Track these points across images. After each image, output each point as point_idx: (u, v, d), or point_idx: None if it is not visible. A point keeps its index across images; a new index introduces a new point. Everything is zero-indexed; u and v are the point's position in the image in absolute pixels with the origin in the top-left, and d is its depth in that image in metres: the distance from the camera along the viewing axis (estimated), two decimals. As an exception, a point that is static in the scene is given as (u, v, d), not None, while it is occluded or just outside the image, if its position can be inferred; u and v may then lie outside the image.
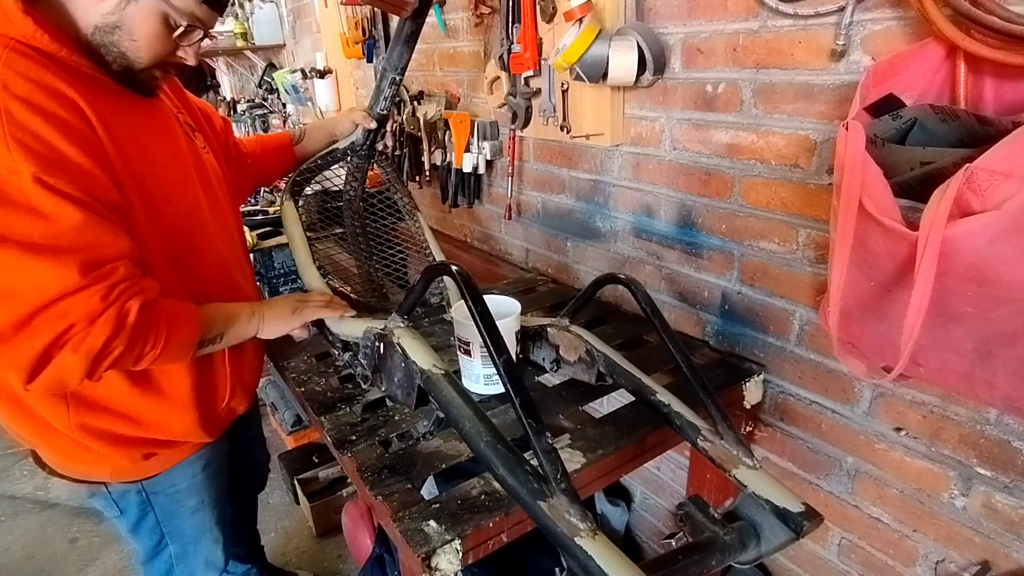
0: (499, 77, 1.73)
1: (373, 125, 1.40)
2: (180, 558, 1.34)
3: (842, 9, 0.99)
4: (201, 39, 0.96)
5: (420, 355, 0.96)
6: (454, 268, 0.88)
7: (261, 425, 1.70)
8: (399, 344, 1.00)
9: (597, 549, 0.70)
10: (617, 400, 1.38)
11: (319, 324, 1.27)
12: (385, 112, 1.39)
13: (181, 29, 0.91)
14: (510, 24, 1.61)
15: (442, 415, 0.94)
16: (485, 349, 1.06)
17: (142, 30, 0.89)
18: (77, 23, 0.88)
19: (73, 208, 0.80)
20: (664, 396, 1.02)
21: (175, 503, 1.24)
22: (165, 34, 0.91)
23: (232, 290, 1.18)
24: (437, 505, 0.93)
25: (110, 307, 0.82)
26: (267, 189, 2.67)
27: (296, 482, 2.30)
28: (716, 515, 0.84)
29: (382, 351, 1.06)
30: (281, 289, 2.25)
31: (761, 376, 1.31)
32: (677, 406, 1.00)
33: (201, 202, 1.09)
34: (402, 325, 1.03)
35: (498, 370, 0.78)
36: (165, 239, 0.99)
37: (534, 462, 0.77)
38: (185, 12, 0.89)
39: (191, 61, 0.97)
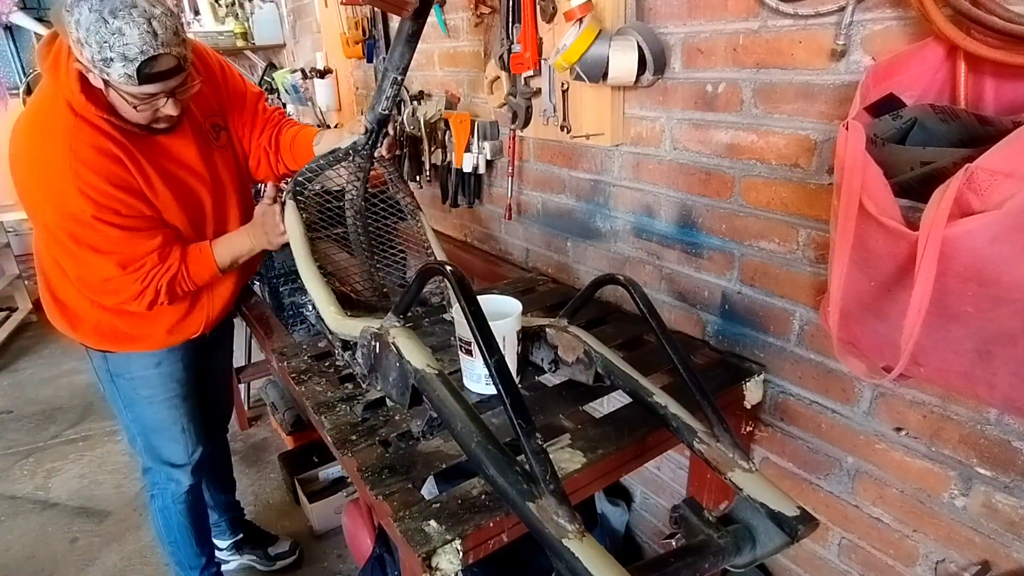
0: (499, 77, 1.73)
1: (362, 130, 1.43)
2: (146, 441, 1.69)
3: (842, 9, 0.99)
4: (170, 97, 1.20)
5: (414, 355, 0.96)
6: (448, 268, 0.87)
7: (230, 360, 2.04)
8: (394, 343, 1.00)
9: (584, 551, 0.70)
10: (617, 400, 1.38)
11: (320, 321, 1.27)
12: (387, 112, 1.39)
13: (135, 107, 1.18)
14: (510, 24, 1.61)
15: (435, 415, 0.94)
16: (478, 349, 1.06)
17: (123, 107, 1.20)
18: None
19: (117, 230, 1.26)
20: (661, 398, 1.02)
21: (133, 390, 1.60)
22: (132, 108, 1.19)
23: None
24: (437, 505, 0.93)
25: (147, 288, 1.33)
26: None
27: (296, 482, 2.30)
28: (711, 518, 0.83)
29: (378, 351, 1.06)
30: (281, 289, 2.25)
31: (761, 376, 1.31)
32: (674, 408, 1.00)
33: (205, 203, 1.46)
34: (398, 325, 1.03)
35: (489, 370, 0.78)
36: (190, 226, 1.44)
37: (528, 464, 0.76)
38: (134, 94, 1.16)
39: (174, 113, 1.24)
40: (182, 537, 1.82)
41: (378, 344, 1.06)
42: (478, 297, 0.84)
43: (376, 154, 1.46)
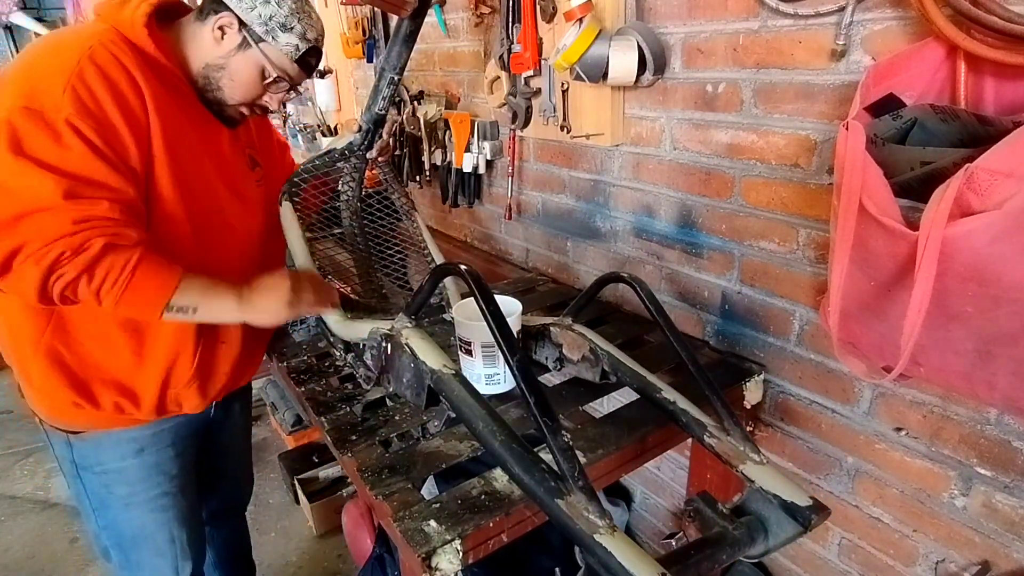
0: (499, 77, 1.73)
1: (356, 129, 1.41)
2: (122, 556, 1.30)
3: (842, 9, 0.99)
4: (288, 91, 1.15)
5: (430, 355, 0.96)
6: (463, 268, 0.87)
7: (247, 437, 1.64)
8: (407, 344, 1.00)
9: (617, 545, 0.70)
10: (618, 400, 1.38)
11: (320, 323, 1.27)
12: (383, 111, 1.38)
13: (271, 79, 1.10)
14: (510, 24, 1.61)
15: (453, 415, 0.94)
16: (495, 349, 1.06)
17: (241, 74, 1.09)
18: (191, 55, 1.08)
19: (85, 147, 0.92)
20: (669, 393, 1.02)
21: (105, 487, 1.22)
22: (258, 81, 1.10)
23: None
24: (437, 505, 0.93)
25: (77, 234, 0.90)
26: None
27: (296, 482, 2.30)
28: (724, 510, 0.84)
29: (389, 352, 1.06)
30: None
31: (761, 376, 1.31)
32: (683, 403, 1.00)
33: (221, 213, 1.17)
34: (410, 325, 1.03)
35: (512, 370, 0.78)
36: (182, 224, 1.09)
37: (556, 461, 0.77)
38: (278, 67, 1.09)
39: (273, 107, 1.16)
40: None
41: (390, 345, 1.06)
42: (475, 296, 0.84)
43: (368, 155, 1.46)
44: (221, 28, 1.05)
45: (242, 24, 1.05)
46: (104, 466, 1.21)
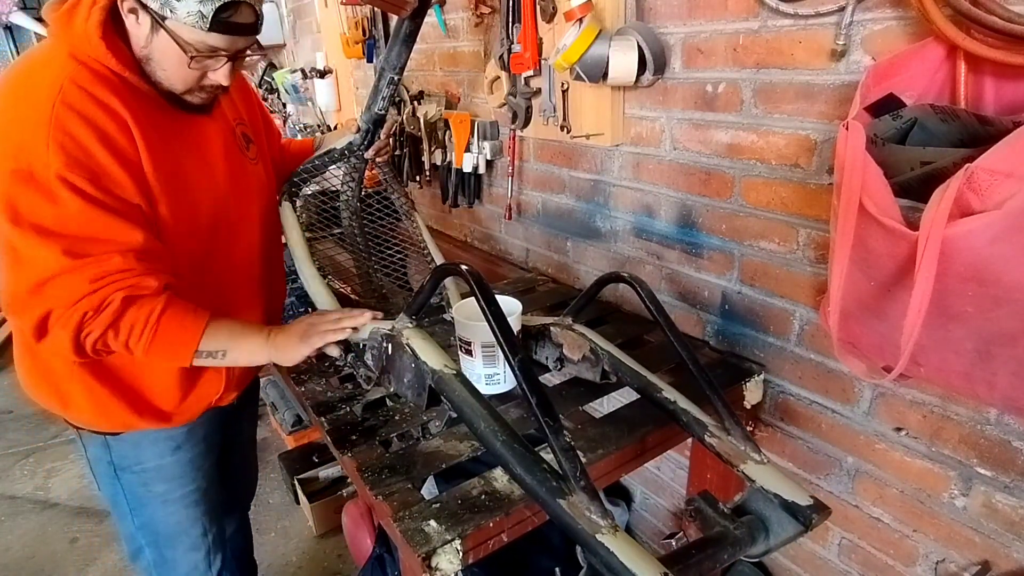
0: (499, 77, 1.73)
1: (355, 129, 1.40)
2: (157, 554, 1.32)
3: (842, 9, 0.99)
4: (230, 62, 0.99)
5: (430, 355, 0.97)
6: (464, 268, 0.87)
7: (254, 429, 1.65)
8: (408, 345, 1.00)
9: (619, 545, 0.70)
10: (618, 400, 1.38)
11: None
12: (383, 111, 1.38)
13: (191, 58, 0.95)
14: (510, 24, 1.61)
15: (454, 415, 0.94)
16: (495, 349, 1.06)
17: (166, 61, 0.96)
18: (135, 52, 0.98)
19: (83, 201, 0.90)
20: (670, 393, 1.02)
21: (143, 486, 1.24)
22: (185, 63, 0.96)
23: (248, 304, 1.24)
24: (437, 505, 0.93)
25: (96, 292, 0.92)
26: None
27: (296, 482, 2.30)
28: (725, 510, 0.85)
29: (390, 352, 1.07)
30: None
31: (761, 376, 1.31)
32: (683, 403, 1.00)
33: (225, 216, 1.14)
34: (410, 326, 1.03)
35: (513, 370, 0.78)
36: (191, 242, 1.08)
37: (557, 461, 0.77)
38: (191, 43, 0.94)
39: (224, 83, 1.01)
40: None
41: (391, 345, 1.06)
42: (476, 297, 0.84)
43: (365, 156, 1.45)
44: (132, 12, 0.92)
45: (141, 4, 0.91)
46: (143, 465, 1.22)
